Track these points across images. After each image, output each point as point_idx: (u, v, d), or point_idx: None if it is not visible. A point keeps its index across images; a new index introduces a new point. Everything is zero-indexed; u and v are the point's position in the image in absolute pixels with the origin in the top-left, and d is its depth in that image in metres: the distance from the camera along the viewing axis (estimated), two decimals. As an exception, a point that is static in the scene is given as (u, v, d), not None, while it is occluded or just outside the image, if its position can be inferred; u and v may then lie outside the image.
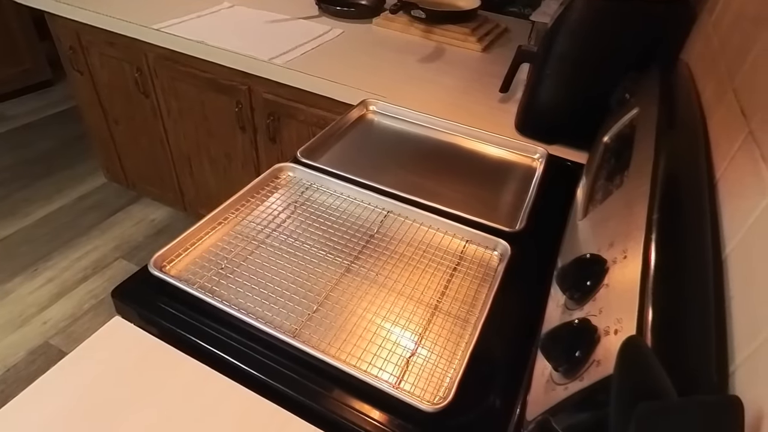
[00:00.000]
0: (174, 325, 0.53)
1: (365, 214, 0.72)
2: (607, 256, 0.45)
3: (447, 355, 0.54)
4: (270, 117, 1.25)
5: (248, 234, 0.66)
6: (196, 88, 1.34)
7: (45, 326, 1.50)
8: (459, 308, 0.59)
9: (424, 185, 0.79)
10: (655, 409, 0.26)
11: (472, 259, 0.66)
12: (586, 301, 0.44)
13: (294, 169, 0.77)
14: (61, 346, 1.46)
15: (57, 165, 2.15)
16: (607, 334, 0.37)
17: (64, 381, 0.49)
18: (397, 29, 1.39)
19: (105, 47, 1.44)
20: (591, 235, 0.53)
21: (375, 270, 0.63)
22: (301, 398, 0.48)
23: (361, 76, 1.11)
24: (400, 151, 0.89)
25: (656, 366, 0.29)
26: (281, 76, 1.14)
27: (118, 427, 0.45)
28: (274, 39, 1.25)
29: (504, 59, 1.26)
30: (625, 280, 0.40)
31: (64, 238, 1.80)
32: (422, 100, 1.03)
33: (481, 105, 1.05)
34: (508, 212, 0.76)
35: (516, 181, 0.84)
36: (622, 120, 0.68)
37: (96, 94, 1.60)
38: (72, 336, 1.49)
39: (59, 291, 1.61)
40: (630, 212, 0.46)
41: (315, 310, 0.57)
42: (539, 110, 0.93)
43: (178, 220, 1.92)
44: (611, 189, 0.56)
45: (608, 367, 0.34)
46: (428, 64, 1.21)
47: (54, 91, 2.68)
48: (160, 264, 0.59)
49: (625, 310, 0.37)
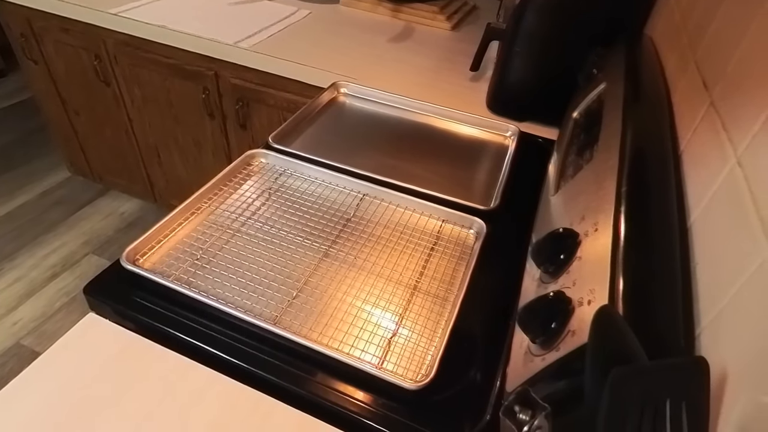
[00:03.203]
0: (151, 319, 0.52)
1: (341, 198, 0.71)
2: (579, 229, 0.46)
3: (427, 333, 0.54)
4: (239, 103, 1.22)
5: (223, 223, 0.65)
6: (159, 75, 1.30)
7: (15, 327, 1.45)
8: (438, 287, 0.60)
9: (398, 167, 0.79)
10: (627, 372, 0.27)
11: (448, 238, 0.67)
12: (560, 274, 0.45)
13: (266, 155, 0.76)
14: (34, 346, 1.42)
15: (16, 160, 2.06)
16: (581, 305, 0.38)
17: (39, 381, 0.48)
18: (364, 9, 1.36)
19: (59, 34, 1.37)
20: (563, 210, 0.55)
21: (353, 253, 0.63)
22: (284, 384, 0.48)
23: (331, 58, 1.09)
24: (373, 134, 0.88)
25: (628, 333, 0.30)
26: (248, 60, 1.12)
27: (99, 424, 0.45)
28: (239, 21, 1.22)
29: (473, 37, 1.26)
30: (596, 252, 0.41)
31: (30, 235, 1.74)
32: (393, 81, 1.03)
33: (452, 84, 1.04)
34: (483, 190, 0.77)
35: (489, 159, 0.85)
36: (590, 95, 0.69)
37: (53, 84, 1.53)
38: (44, 335, 1.44)
39: (28, 290, 1.56)
40: (600, 186, 0.47)
41: (294, 296, 0.57)
42: (510, 88, 0.94)
43: (149, 212, 1.87)
44: (581, 164, 0.57)
45: (583, 336, 0.35)
46: (398, 44, 1.20)
47: (7, 82, 2.55)
48: (132, 257, 0.57)
49: (597, 281, 0.38)
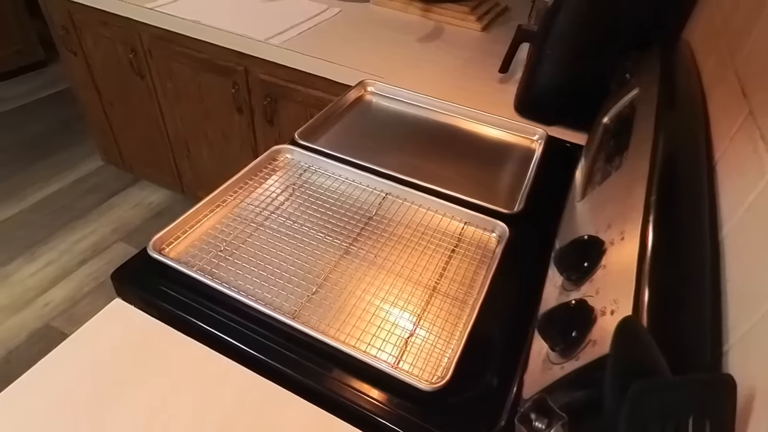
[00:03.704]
0: (174, 307, 0.53)
1: (363, 196, 0.72)
2: (604, 237, 0.45)
3: (445, 335, 0.54)
4: (267, 98, 1.24)
5: (247, 216, 0.66)
6: (191, 69, 1.33)
7: (46, 309, 1.51)
8: (457, 289, 0.60)
9: (422, 167, 0.79)
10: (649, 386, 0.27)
11: (470, 240, 0.67)
12: (583, 282, 0.44)
13: (292, 151, 0.77)
14: (63, 328, 1.47)
15: (53, 147, 2.14)
16: (603, 314, 0.37)
17: (66, 362, 0.49)
18: (395, 8, 1.36)
19: (98, 27, 1.41)
20: (589, 217, 0.53)
21: (374, 252, 0.63)
22: (300, 378, 0.48)
23: (359, 57, 1.09)
24: (399, 133, 0.88)
25: (651, 345, 0.29)
26: (278, 57, 1.13)
27: (119, 406, 0.46)
28: (271, 18, 1.23)
29: (504, 39, 1.25)
30: (622, 261, 0.40)
31: (63, 221, 1.80)
32: (421, 81, 1.02)
33: (480, 85, 1.04)
34: (507, 194, 0.76)
35: (514, 162, 0.84)
36: (622, 101, 0.67)
37: (90, 76, 1.58)
38: (72, 318, 1.50)
39: (59, 274, 1.62)
40: (628, 194, 0.46)
41: (314, 291, 0.57)
42: (538, 91, 0.92)
43: (177, 202, 1.92)
44: (610, 170, 0.55)
45: (604, 346, 0.34)
46: (427, 44, 1.20)
47: (48, 72, 2.64)
48: (159, 246, 0.59)
49: (621, 291, 0.37)
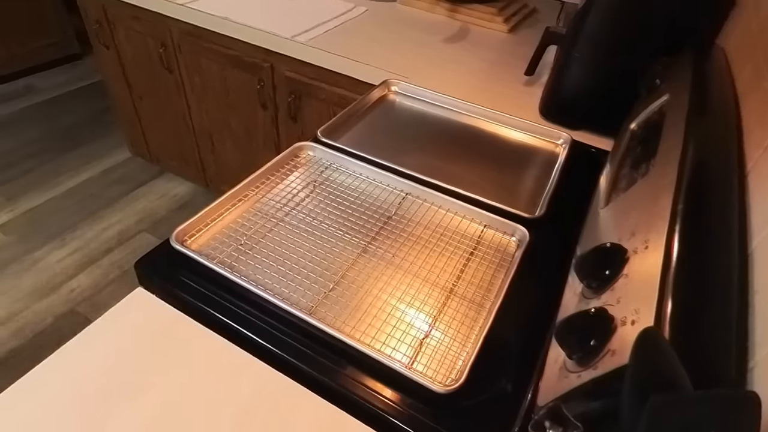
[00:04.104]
0: (193, 298, 0.54)
1: (384, 196, 0.72)
2: (627, 245, 0.44)
3: (460, 338, 0.54)
4: (291, 95, 1.25)
5: (268, 211, 0.67)
6: (219, 65, 1.35)
7: (72, 294, 1.55)
8: (474, 292, 0.59)
9: (443, 168, 0.79)
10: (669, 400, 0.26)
11: (489, 244, 0.66)
12: (603, 291, 0.43)
13: (314, 148, 0.78)
14: (87, 313, 1.51)
15: (84, 138, 2.20)
16: (623, 324, 0.37)
17: (89, 348, 0.51)
18: (422, 8, 1.36)
19: (130, 22, 1.45)
20: (612, 224, 0.52)
21: (392, 251, 0.63)
22: (315, 374, 0.49)
23: (384, 56, 1.09)
24: (421, 133, 0.88)
25: (673, 358, 0.29)
26: (303, 54, 1.14)
27: (138, 393, 0.47)
28: (298, 16, 1.24)
29: (531, 41, 1.23)
30: (645, 270, 0.39)
31: (91, 209, 1.85)
32: (445, 82, 1.02)
33: (505, 88, 1.03)
34: (528, 198, 0.75)
35: (537, 166, 0.83)
36: (651, 106, 0.66)
37: (121, 69, 1.62)
38: (97, 304, 1.54)
39: (85, 261, 1.66)
40: (654, 202, 0.45)
41: (331, 288, 0.58)
42: (565, 94, 0.91)
43: (200, 195, 1.95)
44: (636, 177, 0.54)
45: (623, 357, 0.34)
46: (452, 45, 1.19)
47: (82, 65, 2.72)
48: (181, 238, 0.60)
49: (643, 301, 0.36)
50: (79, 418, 0.45)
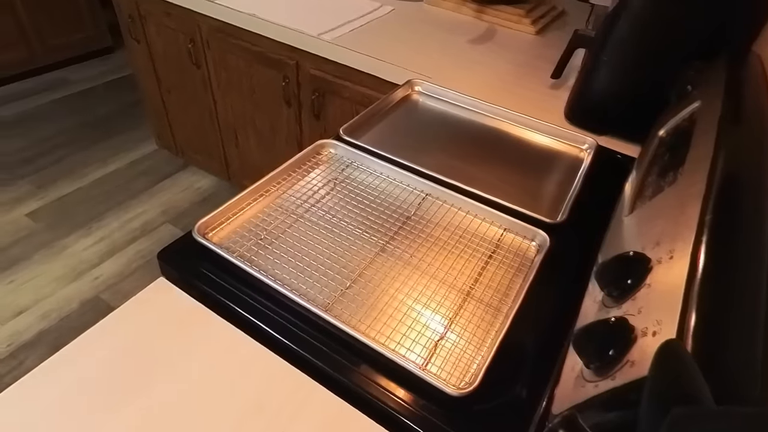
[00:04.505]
0: (213, 290, 0.55)
1: (403, 196, 0.72)
2: (651, 255, 0.43)
3: (476, 341, 0.54)
4: (315, 93, 1.26)
5: (288, 207, 0.68)
6: (245, 61, 1.37)
7: (96, 281, 1.60)
8: (492, 296, 0.59)
9: (465, 170, 0.78)
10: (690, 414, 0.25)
11: (508, 248, 0.65)
12: (624, 300, 0.42)
13: (336, 146, 0.78)
14: (110, 301, 1.55)
15: (114, 130, 2.26)
16: (644, 335, 0.36)
17: (110, 334, 0.52)
18: (448, 8, 1.35)
19: (162, 17, 1.48)
20: (636, 233, 0.51)
21: (409, 251, 0.63)
22: (328, 370, 0.49)
23: (409, 56, 1.09)
24: (444, 134, 0.88)
25: (695, 372, 0.28)
26: (329, 52, 1.15)
27: (155, 380, 0.48)
28: (324, 14, 1.25)
29: (558, 43, 1.21)
30: (668, 281, 0.38)
31: (117, 199, 1.90)
32: (469, 83, 1.01)
33: (530, 90, 1.01)
34: (550, 203, 0.74)
35: (561, 171, 0.81)
36: (681, 113, 0.64)
37: (151, 63, 1.66)
38: (120, 292, 1.58)
39: (110, 249, 1.71)
40: (681, 211, 0.44)
41: (348, 286, 0.58)
42: (592, 98, 0.89)
43: (223, 189, 1.98)
44: (663, 185, 0.53)
45: (643, 368, 0.33)
46: (478, 46, 1.18)
47: (114, 58, 2.79)
48: (203, 231, 0.61)
49: (666, 312, 0.35)
50: (100, 400, 0.46)
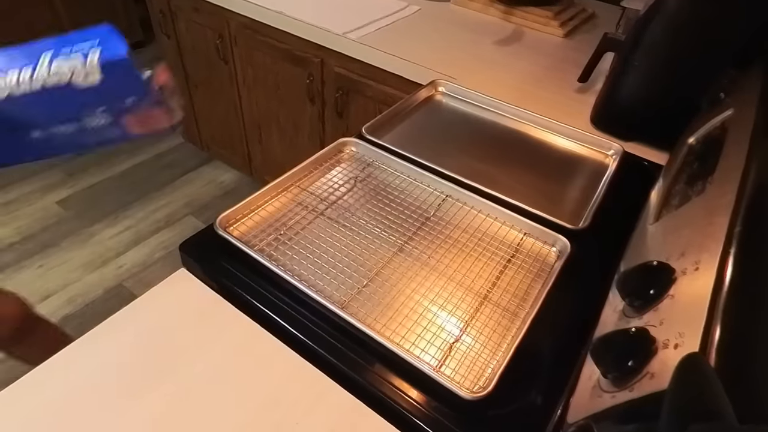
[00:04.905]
0: (232, 283, 0.56)
1: (423, 196, 0.72)
2: (676, 265, 0.42)
3: (491, 345, 0.53)
4: (339, 91, 1.26)
5: (308, 204, 0.68)
6: (271, 58, 1.38)
7: (120, 270, 1.64)
8: (509, 301, 0.58)
9: (486, 172, 0.78)
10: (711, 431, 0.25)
11: (528, 252, 0.65)
12: (646, 310, 0.42)
13: (358, 144, 0.78)
14: (133, 289, 1.59)
15: (141, 122, 2.30)
16: (665, 347, 0.35)
17: (132, 321, 0.53)
18: (475, 9, 1.34)
19: (191, 13, 1.51)
20: (661, 242, 0.50)
21: (427, 252, 0.63)
22: (343, 367, 0.49)
23: (434, 56, 1.09)
24: (466, 135, 0.87)
25: (717, 387, 0.27)
26: (353, 51, 1.15)
27: (173, 369, 0.49)
28: (351, 13, 1.26)
29: (587, 46, 1.19)
30: (693, 293, 0.37)
31: (143, 191, 1.95)
32: (494, 85, 1.00)
33: (556, 94, 1.00)
34: (573, 208, 0.73)
35: (585, 176, 0.80)
36: (712, 121, 0.62)
37: (180, 58, 1.69)
38: (142, 281, 1.61)
39: (135, 239, 1.75)
40: (709, 222, 0.43)
41: (365, 285, 0.58)
42: (620, 104, 0.87)
43: (245, 184, 2.01)
44: (690, 195, 0.52)
45: (663, 381, 0.32)
46: (504, 47, 1.17)
47: (145, 52, 2.85)
48: (224, 224, 0.62)
49: (689, 324, 0.34)
50: (123, 384, 0.48)
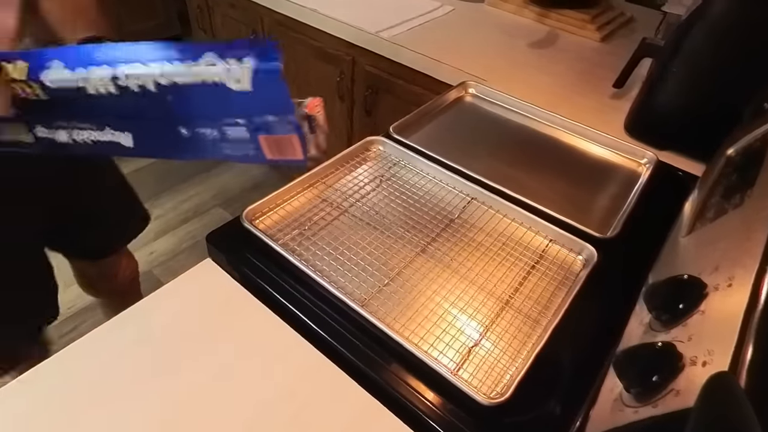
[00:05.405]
0: (255, 275, 0.57)
1: (448, 198, 0.71)
2: (708, 280, 0.41)
3: (511, 352, 0.52)
4: (369, 90, 1.27)
5: (333, 201, 0.69)
6: (303, 55, 1.40)
7: (150, 257, 1.68)
8: (531, 307, 0.57)
9: (513, 176, 0.77)
10: (736, 455, 0.24)
11: (553, 259, 0.63)
12: (674, 325, 0.40)
13: (385, 143, 0.78)
14: (161, 276, 1.63)
15: (175, 114, 2.36)
16: (693, 364, 0.34)
17: (158, 307, 0.55)
18: (510, 10, 1.33)
19: (227, 8, 1.54)
20: (693, 255, 0.49)
21: (450, 255, 0.63)
22: (360, 365, 0.49)
23: (465, 57, 1.08)
24: (494, 138, 0.86)
25: (747, 409, 0.26)
26: (385, 50, 1.15)
27: (193, 356, 0.50)
28: (384, 11, 1.26)
29: (624, 51, 1.16)
30: (725, 310, 0.36)
31: (173, 181, 2.00)
32: (525, 88, 0.99)
33: (589, 99, 0.98)
34: (602, 217, 0.71)
35: (615, 184, 0.78)
36: (754, 132, 0.60)
37: (215, 53, 1.72)
38: (170, 269, 1.66)
39: (164, 228, 1.79)
40: (746, 237, 0.41)
41: (386, 284, 0.58)
42: (656, 111, 0.85)
43: (272, 178, 2.04)
44: (727, 208, 0.50)
45: (688, 399, 0.31)
46: (538, 50, 1.15)
47: (180, 46, 2.93)
48: (251, 217, 0.63)
49: (719, 342, 0.33)
50: (147, 366, 0.49)
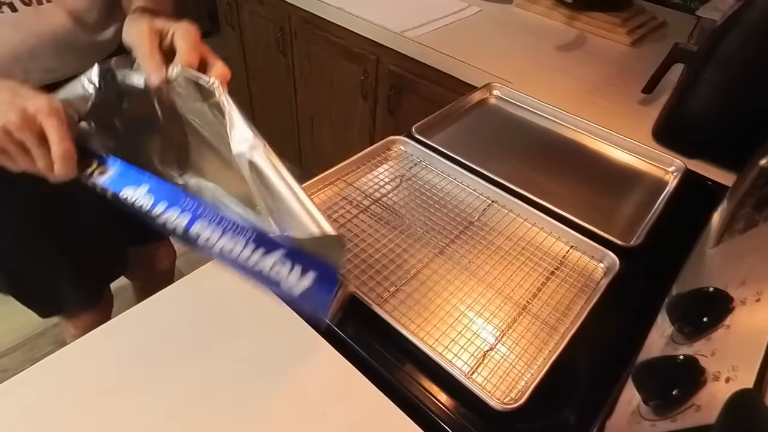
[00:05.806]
0: (274, 270, 0.57)
1: (469, 200, 0.71)
2: (735, 294, 0.40)
3: (527, 358, 0.52)
4: (392, 89, 1.27)
5: (353, 199, 0.69)
6: (328, 53, 1.40)
7: (174, 249, 1.72)
8: (549, 314, 0.56)
9: (536, 180, 0.76)
10: (758, 475, 0.23)
11: (573, 266, 0.62)
12: (697, 339, 0.39)
13: (406, 143, 0.78)
14: (182, 268, 1.66)
15: (201, 109, 2.40)
16: (716, 379, 0.33)
17: (178, 298, 0.56)
18: (538, 12, 1.31)
19: (255, 6, 1.55)
20: (720, 268, 0.47)
21: (468, 257, 0.62)
22: (375, 364, 0.49)
23: (491, 59, 1.07)
24: (518, 141, 0.85)
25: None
26: (409, 50, 1.15)
27: (208, 348, 0.51)
28: (410, 11, 1.26)
29: (654, 56, 1.14)
30: (752, 325, 0.35)
31: (198, 174, 2.03)
32: (552, 91, 0.97)
33: (617, 104, 0.96)
34: (625, 225, 0.70)
35: (641, 192, 0.76)
36: (789, 143, 0.58)
37: (242, 49, 1.75)
38: (190, 262, 1.68)
39: (187, 220, 1.82)
40: (776, 250, 0.40)
41: (403, 284, 0.58)
42: (686, 118, 0.83)
43: (294, 174, 2.05)
44: (758, 220, 0.48)
45: (710, 415, 0.30)
46: (566, 53, 1.13)
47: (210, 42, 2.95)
48: (271, 212, 0.64)
49: (744, 358, 0.32)
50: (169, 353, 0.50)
